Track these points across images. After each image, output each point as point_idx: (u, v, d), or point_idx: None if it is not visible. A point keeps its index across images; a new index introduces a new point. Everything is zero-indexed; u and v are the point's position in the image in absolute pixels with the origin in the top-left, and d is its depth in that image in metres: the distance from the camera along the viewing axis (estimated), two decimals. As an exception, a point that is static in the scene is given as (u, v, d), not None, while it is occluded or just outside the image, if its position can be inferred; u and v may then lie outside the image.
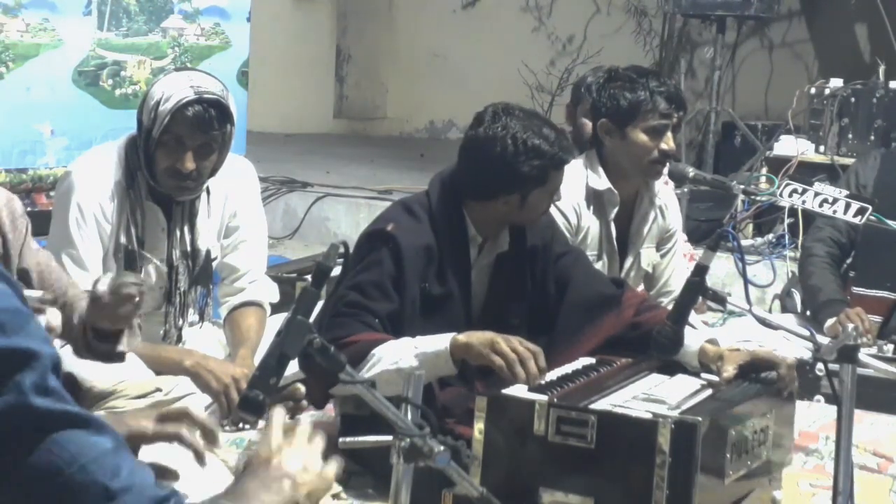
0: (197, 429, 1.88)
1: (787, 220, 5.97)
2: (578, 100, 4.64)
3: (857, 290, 4.61)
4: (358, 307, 3.03)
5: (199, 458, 1.87)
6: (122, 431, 1.73)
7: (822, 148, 6.48)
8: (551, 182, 3.20)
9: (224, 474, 2.66)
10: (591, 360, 3.11)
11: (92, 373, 3.25)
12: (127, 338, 2.85)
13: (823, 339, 2.89)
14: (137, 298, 2.72)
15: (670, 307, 3.09)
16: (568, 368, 3.00)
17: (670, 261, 4.03)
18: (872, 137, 6.36)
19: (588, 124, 4.10)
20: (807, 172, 5.89)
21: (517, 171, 3.13)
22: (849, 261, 4.74)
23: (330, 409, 3.52)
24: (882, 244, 4.46)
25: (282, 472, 1.56)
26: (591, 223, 3.81)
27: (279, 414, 1.65)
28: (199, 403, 3.37)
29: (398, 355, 2.92)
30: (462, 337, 2.94)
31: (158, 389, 3.32)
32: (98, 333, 2.79)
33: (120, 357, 2.88)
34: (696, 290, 2.77)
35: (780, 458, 2.99)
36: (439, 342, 2.94)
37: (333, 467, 1.62)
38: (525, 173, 3.13)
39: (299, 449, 1.60)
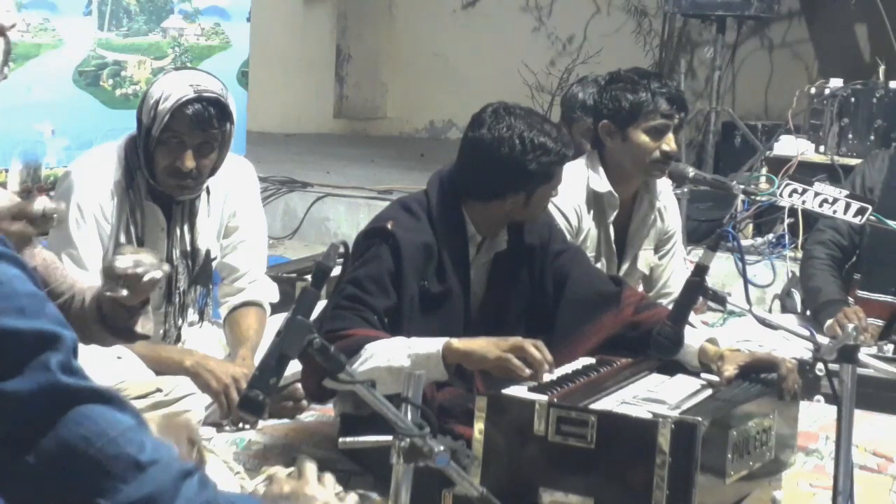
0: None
1: (787, 220, 5.96)
2: (571, 120, 4.61)
3: (861, 293, 4.61)
4: (356, 301, 3.03)
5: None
6: None
7: (822, 148, 6.47)
8: (556, 178, 3.21)
9: (225, 474, 2.67)
10: (591, 360, 3.11)
11: (92, 372, 3.24)
12: (142, 320, 2.83)
13: (823, 339, 2.89)
14: (157, 280, 2.66)
15: (670, 308, 3.09)
16: (568, 368, 3.00)
17: (669, 262, 4.02)
18: (872, 137, 6.36)
19: (586, 145, 4.08)
20: (807, 172, 5.89)
21: (525, 170, 3.13)
22: (850, 263, 4.74)
23: (330, 409, 3.52)
24: (888, 249, 4.46)
25: (308, 497, 1.63)
26: (590, 226, 3.81)
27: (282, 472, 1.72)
28: (199, 403, 3.37)
29: (390, 354, 2.92)
30: (458, 343, 2.92)
31: (159, 390, 3.32)
32: (115, 311, 2.77)
33: (133, 336, 2.85)
34: (696, 290, 2.77)
35: (785, 459, 2.99)
36: (432, 345, 2.92)
37: (354, 499, 1.69)
38: (532, 171, 3.14)
39: (316, 485, 1.68)
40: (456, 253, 3.21)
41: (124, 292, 2.65)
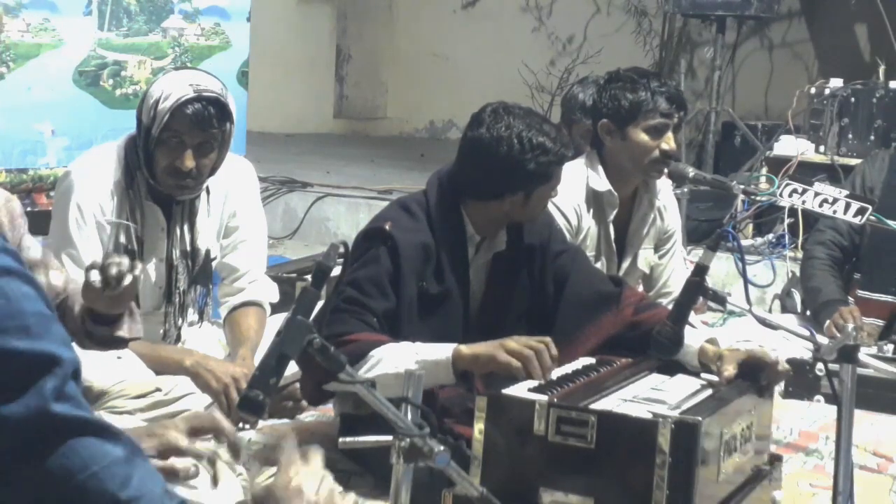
0: (225, 443, 1.90)
1: (787, 220, 5.97)
2: (571, 121, 4.60)
3: (861, 293, 4.62)
4: (356, 304, 3.03)
5: (215, 480, 1.90)
6: (154, 443, 1.74)
7: (822, 148, 6.48)
8: (554, 178, 3.20)
9: (226, 475, 2.66)
10: (591, 360, 3.11)
11: (92, 372, 3.25)
12: (127, 324, 2.84)
13: (823, 339, 2.89)
14: (125, 280, 2.69)
15: (670, 307, 3.09)
16: (568, 368, 3.00)
17: (669, 261, 4.02)
18: (872, 137, 6.36)
19: (586, 146, 4.08)
20: (807, 172, 5.90)
21: (523, 170, 3.13)
22: (850, 263, 4.74)
23: (330, 410, 3.52)
24: (888, 249, 4.46)
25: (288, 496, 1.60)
26: (590, 225, 3.81)
27: (291, 446, 1.68)
28: (198, 403, 3.37)
29: (398, 360, 2.92)
30: (466, 349, 2.92)
31: (158, 389, 3.32)
32: (97, 319, 2.78)
33: (120, 343, 2.87)
34: (696, 290, 2.77)
35: (763, 453, 3.00)
36: (441, 351, 2.93)
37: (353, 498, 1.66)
38: (531, 171, 3.13)
39: (300, 467, 1.67)
40: (455, 253, 3.21)
41: (107, 299, 2.66)
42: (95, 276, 2.69)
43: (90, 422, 1.34)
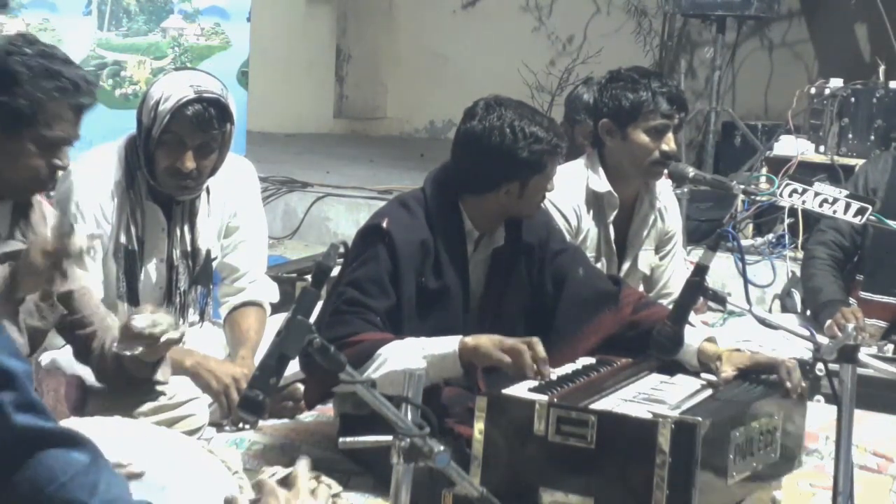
0: None
1: (787, 220, 5.97)
2: (574, 122, 4.58)
3: (864, 294, 4.62)
4: (358, 304, 3.04)
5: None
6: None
7: (822, 148, 6.47)
8: (549, 169, 3.20)
9: (225, 475, 2.67)
10: (591, 360, 3.11)
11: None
12: (162, 367, 2.93)
13: (823, 339, 2.89)
14: (167, 335, 2.81)
15: (670, 307, 3.09)
16: (568, 368, 3.00)
17: (670, 262, 4.02)
18: (872, 137, 6.36)
19: (589, 148, 4.08)
20: (807, 172, 5.90)
21: (516, 158, 3.14)
22: (852, 264, 4.73)
23: (330, 410, 3.52)
24: (891, 250, 4.46)
25: None
26: (590, 226, 3.81)
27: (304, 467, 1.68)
28: (202, 407, 3.36)
29: (406, 357, 2.93)
30: (470, 340, 2.96)
31: (163, 393, 3.32)
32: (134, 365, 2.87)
33: (155, 384, 2.99)
34: (696, 290, 2.77)
35: (792, 460, 2.99)
36: (447, 344, 2.95)
37: None
38: (524, 159, 3.14)
39: (308, 499, 1.66)
40: (453, 249, 3.21)
41: (139, 350, 2.75)
42: (141, 324, 2.78)
43: (54, 432, 1.33)
